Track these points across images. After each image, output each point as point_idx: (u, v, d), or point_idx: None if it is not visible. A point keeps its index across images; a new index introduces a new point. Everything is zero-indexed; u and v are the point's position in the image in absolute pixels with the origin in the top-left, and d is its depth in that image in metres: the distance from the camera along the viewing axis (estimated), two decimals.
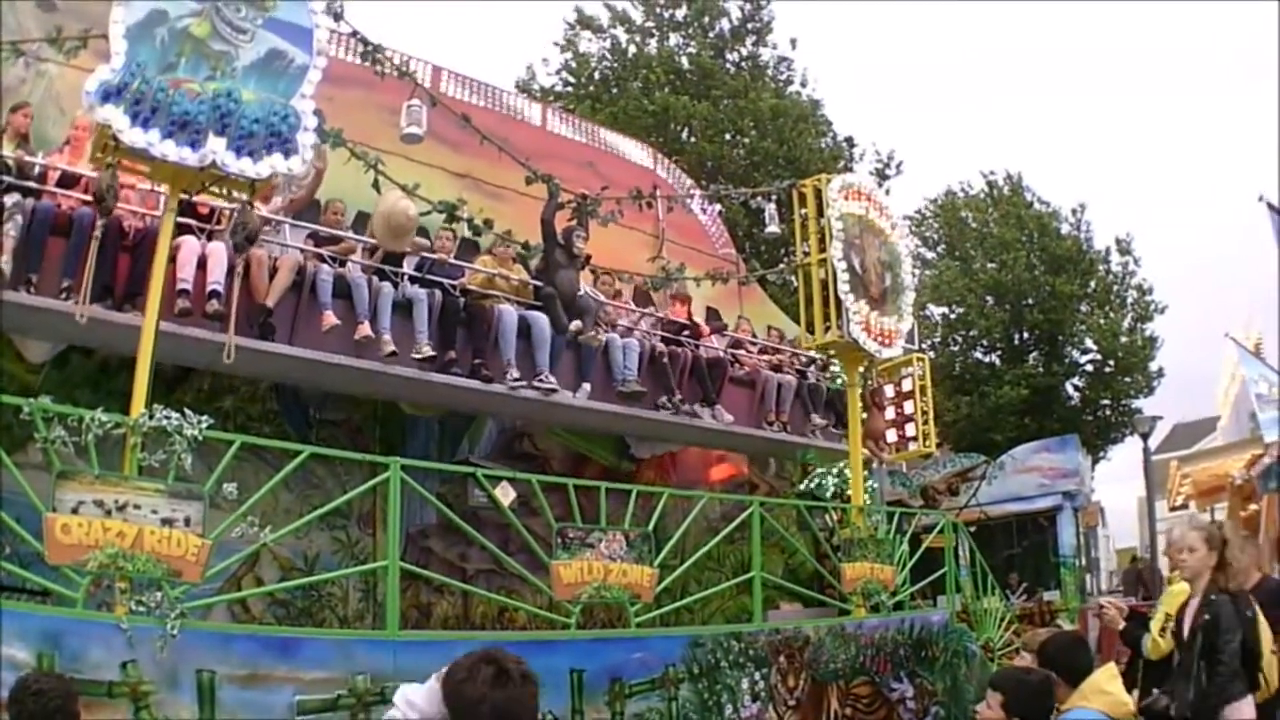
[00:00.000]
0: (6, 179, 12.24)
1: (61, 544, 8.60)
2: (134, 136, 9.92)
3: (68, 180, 12.74)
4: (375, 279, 14.41)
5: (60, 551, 8.60)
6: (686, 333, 18.27)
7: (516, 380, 15.26)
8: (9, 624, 8.16)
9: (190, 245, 12.80)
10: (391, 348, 14.04)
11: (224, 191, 10.99)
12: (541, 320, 15.73)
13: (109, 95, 9.92)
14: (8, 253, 11.82)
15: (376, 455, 14.39)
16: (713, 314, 19.75)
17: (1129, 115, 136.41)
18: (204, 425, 9.60)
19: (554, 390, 15.59)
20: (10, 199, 12.11)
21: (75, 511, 8.70)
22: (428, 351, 14.40)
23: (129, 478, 9.18)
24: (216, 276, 12.76)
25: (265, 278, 13.41)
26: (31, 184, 12.48)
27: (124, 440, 9.43)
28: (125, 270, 12.43)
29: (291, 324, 13.68)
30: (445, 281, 15.15)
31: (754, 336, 20.58)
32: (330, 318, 13.72)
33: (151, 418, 9.46)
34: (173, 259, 12.38)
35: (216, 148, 10.13)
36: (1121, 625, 9.66)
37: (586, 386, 16.10)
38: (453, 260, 15.68)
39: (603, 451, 19.00)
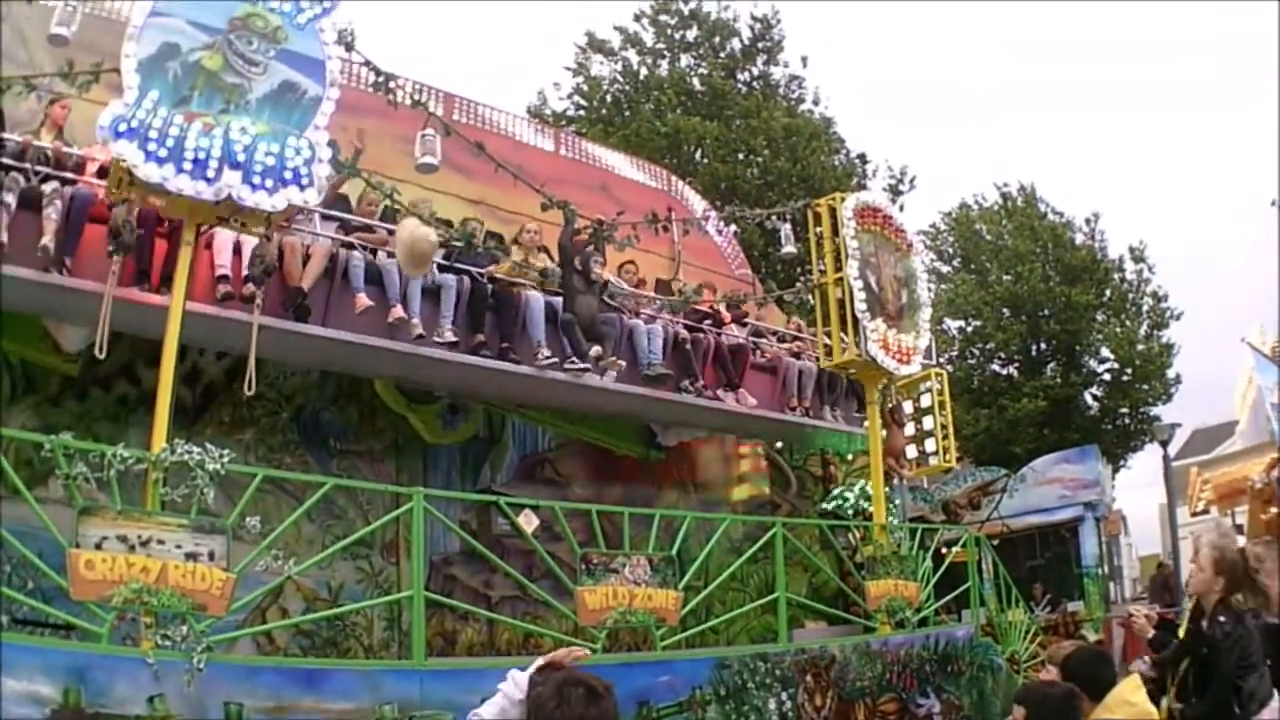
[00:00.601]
0: (44, 169, 12.28)
1: (85, 580, 8.62)
2: (149, 171, 9.95)
3: (106, 172, 12.76)
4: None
5: (84, 587, 8.62)
6: (709, 321, 18.24)
7: (547, 359, 15.29)
8: (35, 659, 8.20)
9: (224, 233, 12.82)
10: (420, 330, 14.00)
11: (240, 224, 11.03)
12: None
13: (123, 130, 9.96)
14: (49, 234, 11.87)
15: (399, 484, 14.49)
16: (733, 304, 19.72)
17: (1141, 121, 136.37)
18: (225, 459, 9.63)
19: (586, 370, 15.55)
20: (49, 186, 12.14)
21: (99, 547, 8.73)
22: (449, 337, 14.37)
23: (152, 513, 9.20)
24: None
25: (299, 264, 13.38)
26: (68, 174, 12.51)
27: (145, 475, 9.45)
28: (162, 255, 12.39)
29: (325, 310, 13.66)
30: (473, 270, 15.17)
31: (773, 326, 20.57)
32: (364, 299, 13.68)
33: (173, 453, 9.48)
34: (209, 246, 12.53)
35: (231, 181, 10.15)
36: (1150, 634, 9.61)
37: (613, 371, 16.07)
38: (480, 249, 15.73)
39: (630, 444, 18.91)
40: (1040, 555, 26.00)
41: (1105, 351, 40.61)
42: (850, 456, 20.95)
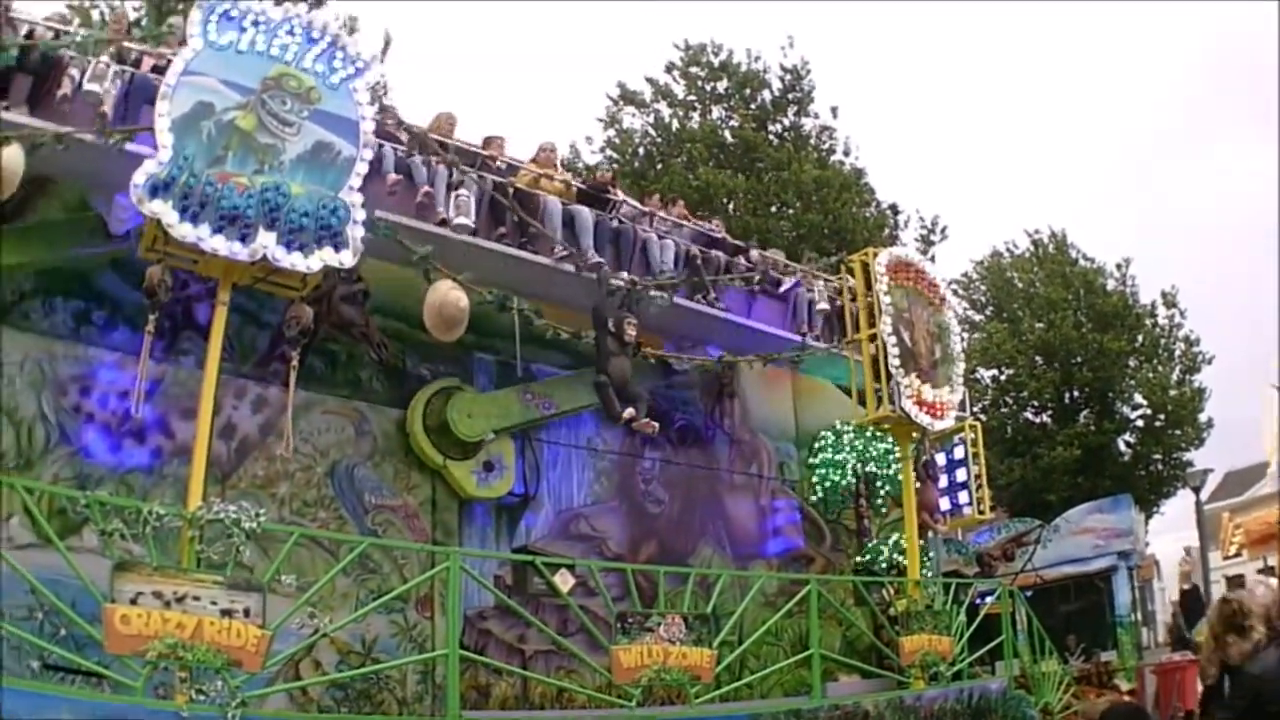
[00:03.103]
0: (105, 58, 12.78)
1: (121, 634, 8.71)
2: (184, 231, 10.09)
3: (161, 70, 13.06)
4: (432, 161, 14.89)
5: (119, 641, 8.70)
6: (717, 250, 18.35)
7: (563, 254, 15.67)
8: (69, 710, 8.27)
9: None
10: (444, 214, 14.28)
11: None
12: (585, 212, 16.39)
13: (157, 189, 10.06)
14: (109, 105, 12.37)
15: (435, 539, 14.56)
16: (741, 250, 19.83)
17: (1170, 163, 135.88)
18: (261, 518, 9.70)
19: (600, 264, 15.89)
20: (111, 70, 12.67)
21: (134, 602, 8.83)
22: (469, 223, 14.67)
23: (188, 569, 9.29)
24: None
25: None
26: (129, 67, 13.09)
27: (181, 530, 9.54)
28: None
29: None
30: (494, 178, 15.64)
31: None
32: (393, 177, 14.09)
33: (209, 510, 9.55)
34: None
35: (267, 242, 10.26)
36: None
37: (624, 274, 16.33)
38: (504, 158, 16.30)
39: (649, 376, 18.72)
40: (1074, 602, 25.91)
41: (1138, 397, 40.39)
42: (885, 510, 20.92)
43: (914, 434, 15.97)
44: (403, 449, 15.87)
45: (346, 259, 10.85)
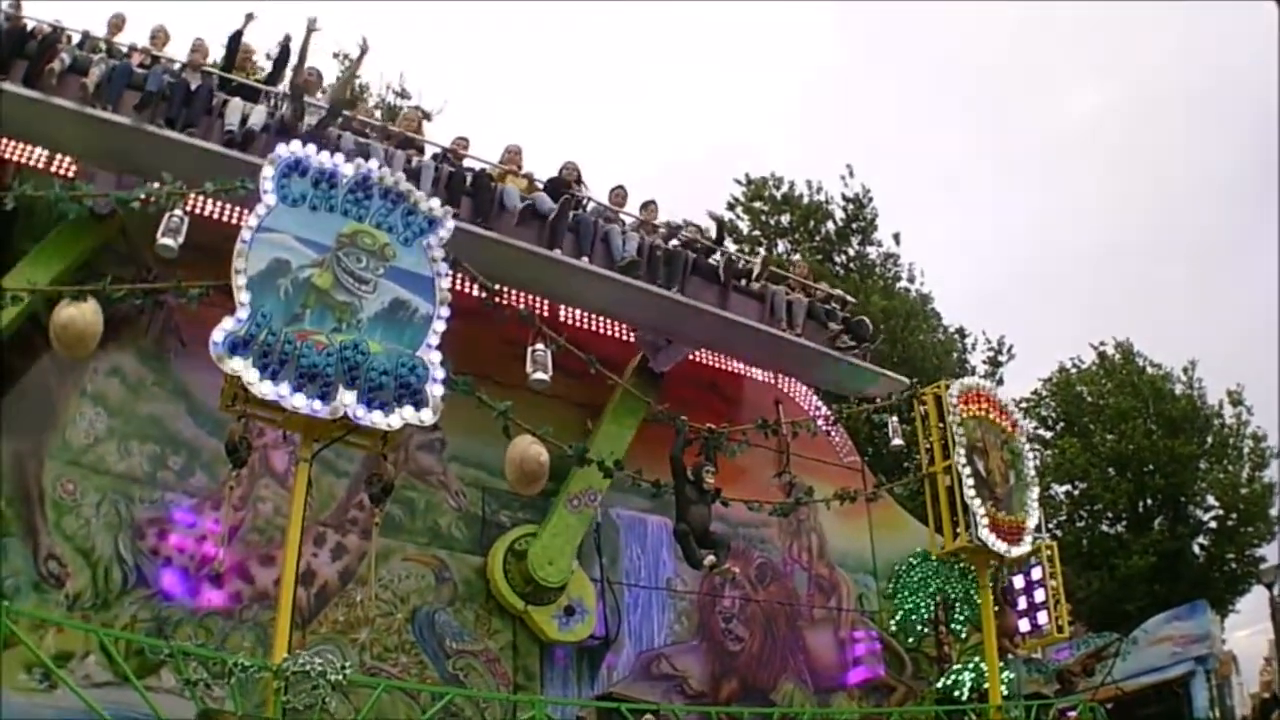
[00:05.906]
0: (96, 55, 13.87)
1: None
2: (264, 389, 10.24)
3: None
4: (392, 149, 15.23)
5: None
6: (687, 251, 18.15)
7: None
8: None
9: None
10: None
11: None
12: (543, 198, 16.46)
13: (236, 346, 10.24)
14: (92, 80, 13.28)
15: (516, 684, 14.60)
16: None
17: (1228, 254, 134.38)
18: (347, 669, 9.79)
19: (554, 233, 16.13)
20: (97, 56, 13.73)
21: None
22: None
23: None
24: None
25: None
26: (115, 61, 13.91)
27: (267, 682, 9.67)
28: None
29: None
30: (450, 169, 15.92)
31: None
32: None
33: (295, 662, 9.66)
34: None
35: (347, 400, 10.40)
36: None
37: (585, 260, 16.48)
38: (467, 154, 16.46)
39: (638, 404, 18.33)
40: (1152, 706, 25.66)
41: (1210, 499, 39.97)
42: (965, 635, 20.82)
43: (992, 561, 15.94)
44: (483, 594, 15.98)
45: (427, 417, 10.98)
